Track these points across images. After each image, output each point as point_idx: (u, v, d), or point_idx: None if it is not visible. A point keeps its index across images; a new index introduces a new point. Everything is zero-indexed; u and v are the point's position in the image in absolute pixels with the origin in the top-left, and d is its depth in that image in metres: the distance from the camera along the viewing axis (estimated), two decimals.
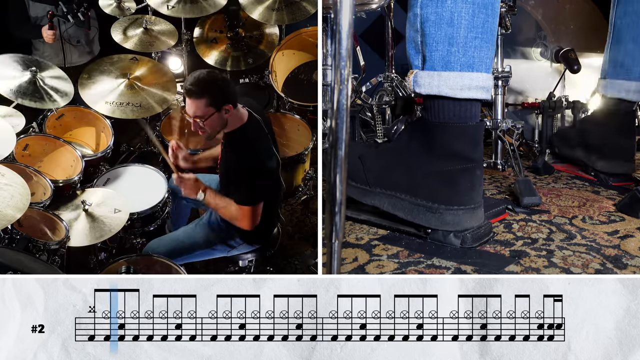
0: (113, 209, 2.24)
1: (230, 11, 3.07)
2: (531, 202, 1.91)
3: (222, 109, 1.99)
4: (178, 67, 3.13)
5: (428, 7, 1.58)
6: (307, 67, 3.01)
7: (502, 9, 2.16)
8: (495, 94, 2.22)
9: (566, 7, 2.93)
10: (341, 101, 1.17)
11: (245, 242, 2.22)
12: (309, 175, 2.79)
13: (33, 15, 2.86)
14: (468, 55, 1.57)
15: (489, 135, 2.26)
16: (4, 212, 1.69)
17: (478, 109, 1.64)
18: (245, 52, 3.11)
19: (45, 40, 2.77)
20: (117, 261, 2.03)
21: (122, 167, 2.54)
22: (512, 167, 2.16)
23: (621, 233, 1.69)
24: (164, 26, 2.90)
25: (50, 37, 2.74)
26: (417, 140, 1.66)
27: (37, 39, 2.87)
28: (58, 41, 2.79)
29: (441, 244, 1.62)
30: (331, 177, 1.20)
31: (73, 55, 2.97)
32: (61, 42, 2.82)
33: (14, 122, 2.35)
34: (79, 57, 3.00)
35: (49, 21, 2.70)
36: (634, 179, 2.26)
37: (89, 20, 2.79)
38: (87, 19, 2.75)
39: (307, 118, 2.82)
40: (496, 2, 1.59)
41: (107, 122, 2.62)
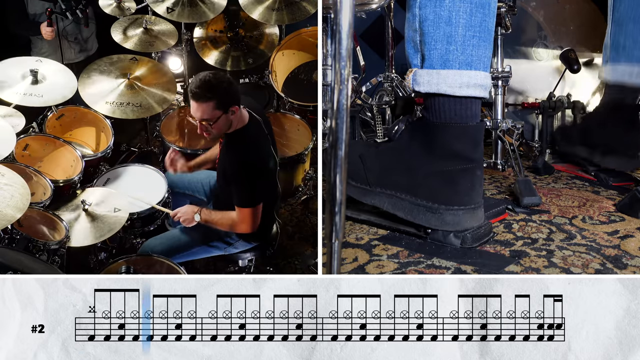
0: (113, 208, 2.24)
1: (230, 11, 3.08)
2: (531, 202, 1.91)
3: (229, 111, 1.98)
4: (178, 67, 3.13)
5: (426, 7, 1.59)
6: (307, 67, 3.01)
7: (502, 9, 2.16)
8: (495, 94, 2.22)
9: (566, 7, 2.93)
10: (341, 101, 1.17)
11: (242, 239, 2.22)
12: (309, 175, 2.79)
13: (32, 13, 2.88)
14: (466, 53, 1.58)
15: (489, 135, 2.26)
16: (4, 212, 1.69)
17: (478, 108, 1.64)
18: (245, 52, 3.12)
19: (44, 37, 2.79)
20: (117, 261, 2.04)
21: (122, 167, 2.54)
22: (512, 167, 2.16)
23: (621, 233, 1.69)
24: (164, 26, 2.90)
25: (49, 34, 2.76)
26: (418, 140, 1.66)
27: (35, 35, 2.89)
28: (56, 38, 2.81)
29: (441, 244, 1.62)
30: (331, 177, 1.20)
31: (71, 52, 2.99)
32: (59, 39, 2.83)
33: (14, 122, 2.35)
34: (77, 54, 3.03)
35: (47, 18, 2.73)
36: (634, 179, 2.25)
37: (87, 17, 2.80)
38: (86, 16, 2.77)
39: (307, 118, 2.82)
40: (493, 2, 1.60)
41: (107, 122, 2.62)
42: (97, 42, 3.11)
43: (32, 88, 2.42)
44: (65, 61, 2.87)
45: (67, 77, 2.53)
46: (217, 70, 2.80)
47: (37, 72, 2.43)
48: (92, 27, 3.02)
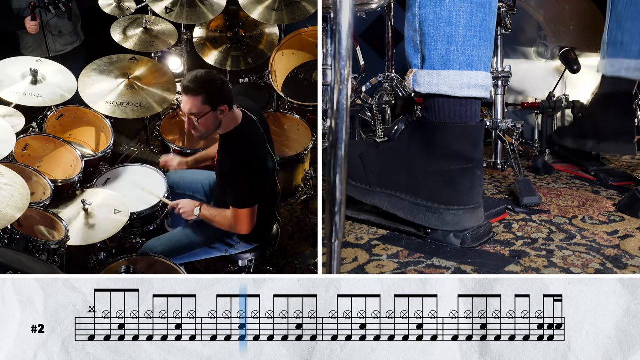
0: (113, 209, 2.24)
1: (230, 11, 3.08)
2: (531, 202, 1.91)
3: (218, 109, 2.00)
4: (178, 67, 3.13)
5: (427, 7, 1.59)
6: (307, 67, 3.01)
7: (502, 9, 2.16)
8: (495, 94, 2.22)
9: (566, 7, 2.93)
10: (341, 101, 1.17)
11: (243, 241, 2.22)
12: (309, 175, 2.79)
13: (16, 7, 2.93)
14: (467, 54, 1.58)
15: (489, 135, 2.26)
16: (4, 212, 1.69)
17: (478, 108, 1.64)
18: (245, 52, 3.12)
19: (29, 31, 2.84)
20: (117, 261, 2.03)
21: (122, 167, 2.54)
22: (512, 167, 2.16)
23: (621, 233, 1.69)
24: (164, 26, 2.90)
25: (33, 28, 2.81)
26: (418, 140, 1.66)
27: (20, 30, 2.93)
28: (41, 32, 2.85)
29: (441, 244, 1.62)
30: (331, 177, 1.20)
31: (56, 45, 3.04)
32: (43, 32, 2.87)
33: (14, 122, 2.35)
34: (63, 47, 3.08)
35: (31, 12, 2.77)
36: (634, 179, 2.26)
37: (70, 10, 2.86)
38: (69, 9, 2.82)
39: (307, 118, 2.82)
40: (494, 1, 1.60)
41: (107, 122, 2.62)
42: (83, 34, 3.16)
43: (32, 88, 2.42)
44: (52, 53, 2.92)
45: (67, 78, 2.53)
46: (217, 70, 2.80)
47: (37, 72, 2.43)
48: (76, 20, 3.07)
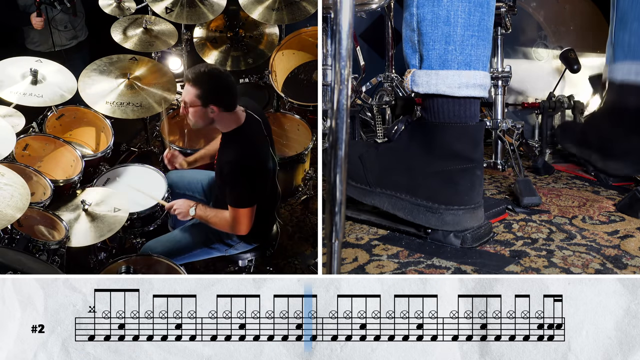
0: (113, 208, 2.24)
1: (230, 11, 3.08)
2: (531, 202, 1.91)
3: (208, 107, 2.00)
4: (178, 67, 3.13)
5: (424, 7, 1.58)
6: (307, 67, 3.01)
7: (502, 9, 2.15)
8: (495, 94, 2.22)
9: (566, 7, 2.93)
10: (341, 101, 1.17)
11: (243, 241, 2.22)
12: (309, 175, 2.79)
13: (21, 4, 2.96)
14: (465, 53, 1.57)
15: (489, 135, 2.26)
16: (4, 212, 1.69)
17: (477, 108, 1.64)
18: (245, 52, 3.12)
19: (34, 27, 2.88)
20: (117, 261, 2.04)
21: (122, 167, 2.54)
22: (512, 167, 2.16)
23: (621, 233, 1.69)
24: (164, 26, 2.90)
25: (39, 24, 2.85)
26: (417, 141, 1.66)
27: (26, 26, 2.96)
28: (47, 27, 2.89)
29: (441, 244, 1.62)
30: (331, 177, 1.20)
31: (62, 39, 3.08)
32: (49, 28, 2.90)
33: (14, 122, 2.35)
34: (68, 41, 3.12)
35: (36, 8, 2.82)
36: (634, 179, 2.25)
37: (75, 6, 2.89)
38: (73, 5, 2.86)
39: (307, 118, 2.82)
40: (492, 0, 1.59)
41: (107, 122, 2.62)
42: (87, 29, 3.19)
43: (32, 88, 2.42)
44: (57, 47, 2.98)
45: (67, 78, 2.54)
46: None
47: (37, 72, 2.44)
48: (80, 15, 3.10)
